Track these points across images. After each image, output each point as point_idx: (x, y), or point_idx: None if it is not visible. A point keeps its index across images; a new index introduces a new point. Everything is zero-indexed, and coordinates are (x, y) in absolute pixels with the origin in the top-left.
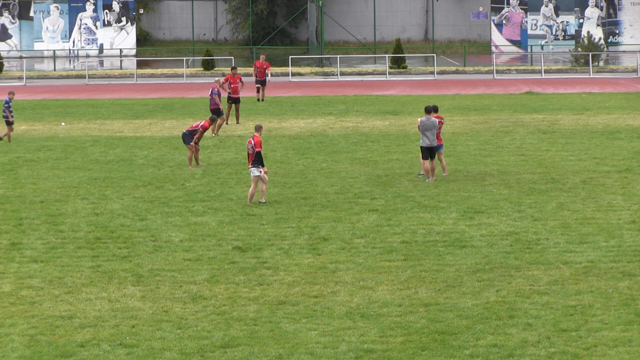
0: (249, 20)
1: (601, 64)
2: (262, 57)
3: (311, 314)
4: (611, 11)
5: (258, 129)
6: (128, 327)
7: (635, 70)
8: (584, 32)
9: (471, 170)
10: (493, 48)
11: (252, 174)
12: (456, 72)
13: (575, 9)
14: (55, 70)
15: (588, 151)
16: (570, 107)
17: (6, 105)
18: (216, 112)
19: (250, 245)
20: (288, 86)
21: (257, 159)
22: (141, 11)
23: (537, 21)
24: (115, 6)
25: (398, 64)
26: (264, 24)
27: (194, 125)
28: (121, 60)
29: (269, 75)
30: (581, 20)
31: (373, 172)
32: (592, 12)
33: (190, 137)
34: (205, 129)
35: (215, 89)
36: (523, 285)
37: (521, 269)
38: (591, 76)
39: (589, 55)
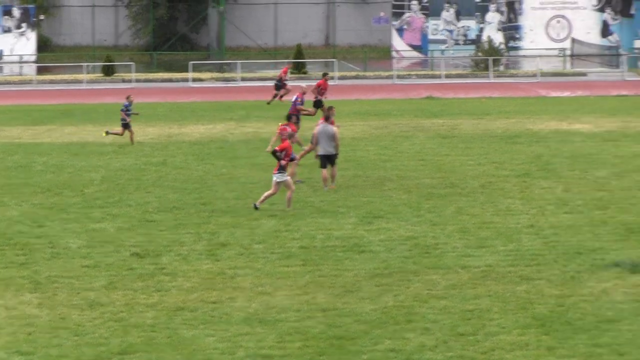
0: (150, 25)
1: (501, 68)
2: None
3: (209, 319)
4: (512, 16)
5: (290, 136)
6: (25, 334)
7: (535, 75)
8: (484, 37)
9: (370, 175)
10: (394, 53)
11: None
12: (357, 77)
13: (477, 13)
14: None
15: (487, 155)
16: (470, 112)
17: (123, 108)
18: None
19: (148, 252)
20: (188, 92)
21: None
22: (41, 17)
23: (438, 26)
24: (16, 12)
25: (299, 68)
26: (165, 29)
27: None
28: (21, 67)
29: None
30: (482, 25)
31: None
32: (493, 17)
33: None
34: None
35: (299, 98)
36: (421, 290)
37: (419, 274)
38: (491, 81)
39: (489, 59)
